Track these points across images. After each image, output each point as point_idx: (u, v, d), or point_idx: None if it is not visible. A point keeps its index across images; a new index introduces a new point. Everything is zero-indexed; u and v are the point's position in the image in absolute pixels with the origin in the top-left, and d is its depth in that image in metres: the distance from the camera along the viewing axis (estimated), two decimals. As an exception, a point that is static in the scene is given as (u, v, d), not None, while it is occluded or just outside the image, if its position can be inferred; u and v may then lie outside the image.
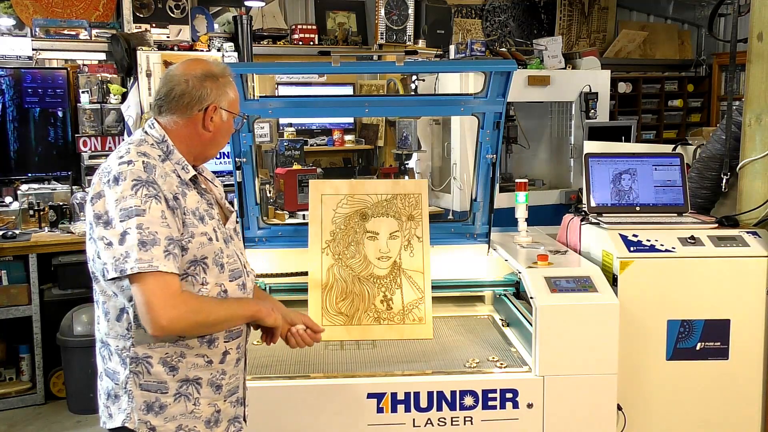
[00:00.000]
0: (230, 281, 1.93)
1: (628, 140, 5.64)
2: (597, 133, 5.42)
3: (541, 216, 3.64)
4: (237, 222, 2.10)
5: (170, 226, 1.77)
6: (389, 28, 6.26)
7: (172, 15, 5.72)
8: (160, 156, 1.87)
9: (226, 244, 1.94)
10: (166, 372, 1.84)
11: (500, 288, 3.13)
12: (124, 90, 5.28)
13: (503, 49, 5.84)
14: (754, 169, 2.87)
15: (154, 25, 5.59)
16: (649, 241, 2.74)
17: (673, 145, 3.53)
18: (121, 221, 1.73)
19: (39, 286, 4.39)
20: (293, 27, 6.32)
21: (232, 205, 2.15)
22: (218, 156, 5.07)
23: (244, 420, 2.06)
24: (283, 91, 6.03)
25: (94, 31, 5.41)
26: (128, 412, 1.85)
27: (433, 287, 2.90)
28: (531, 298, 2.54)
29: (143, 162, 1.80)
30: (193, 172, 1.91)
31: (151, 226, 1.73)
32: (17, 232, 4.47)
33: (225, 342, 1.93)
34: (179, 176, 1.88)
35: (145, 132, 1.93)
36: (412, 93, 5.80)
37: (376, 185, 3.04)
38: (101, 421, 1.93)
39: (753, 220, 2.86)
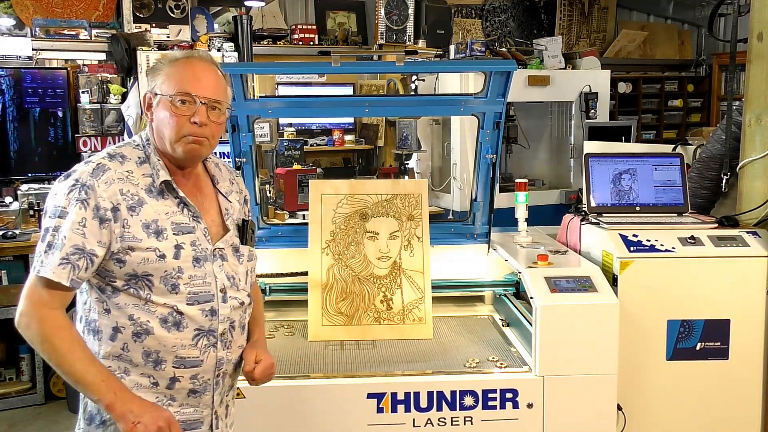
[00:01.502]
0: (188, 304, 1.76)
1: (628, 140, 5.65)
2: (597, 133, 5.42)
3: (541, 216, 3.64)
4: (248, 241, 1.93)
5: (87, 236, 1.67)
6: (389, 28, 6.26)
7: (172, 15, 5.72)
8: (139, 158, 1.80)
9: (197, 263, 1.78)
10: None
11: (500, 288, 3.13)
12: (124, 90, 5.28)
13: (503, 49, 5.84)
14: (754, 169, 2.87)
15: (154, 25, 5.59)
16: (649, 241, 2.74)
17: (673, 145, 3.53)
18: (49, 217, 1.71)
19: (39, 286, 4.39)
20: (293, 27, 6.32)
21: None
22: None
23: None
24: (283, 91, 6.03)
25: (94, 31, 5.41)
26: (78, 419, 1.83)
27: (433, 287, 2.90)
28: (531, 298, 2.53)
29: (98, 164, 1.74)
30: (164, 177, 1.78)
31: (64, 230, 1.67)
32: (17, 232, 4.47)
33: (174, 368, 1.77)
34: (153, 180, 1.77)
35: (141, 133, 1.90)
36: (412, 93, 5.80)
37: (376, 185, 3.04)
38: None
39: (753, 220, 2.86)
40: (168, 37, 5.59)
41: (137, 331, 1.73)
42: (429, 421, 2.47)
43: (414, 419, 2.46)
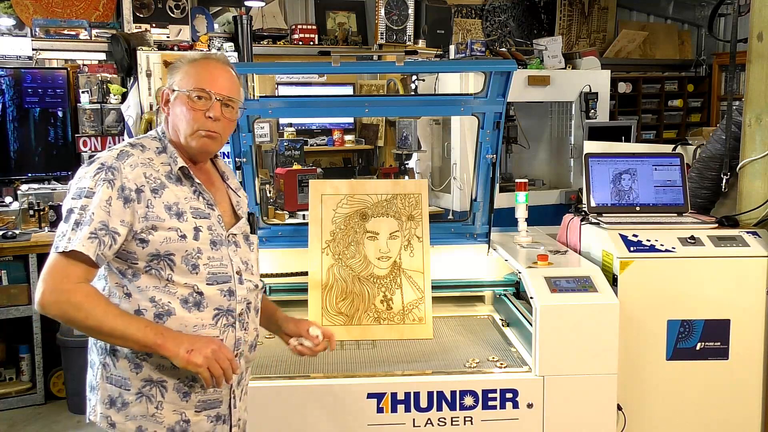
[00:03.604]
0: (207, 284, 1.84)
1: (628, 140, 5.64)
2: (597, 133, 5.41)
3: (541, 216, 3.64)
4: (250, 233, 2.03)
5: (111, 215, 1.74)
6: (389, 28, 6.26)
7: (172, 15, 5.72)
8: (157, 148, 1.90)
9: (214, 246, 1.87)
10: (131, 369, 1.81)
11: (500, 288, 3.13)
12: (124, 90, 5.28)
13: (503, 49, 5.83)
14: (754, 169, 2.87)
15: (154, 25, 5.60)
16: (649, 241, 2.74)
17: (673, 145, 3.53)
18: (72, 199, 1.77)
19: (39, 286, 4.39)
20: (293, 27, 6.32)
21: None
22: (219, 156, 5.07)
23: None
24: (283, 91, 6.03)
25: (94, 31, 5.42)
26: (93, 404, 1.86)
27: (433, 287, 2.90)
28: (531, 298, 2.53)
29: (122, 150, 1.84)
30: (181, 163, 1.88)
31: (91, 208, 1.74)
32: (17, 232, 4.47)
33: None
34: (171, 168, 1.88)
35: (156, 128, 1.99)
36: (412, 93, 5.80)
37: (376, 185, 3.04)
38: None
39: (753, 220, 2.86)
40: (168, 37, 5.60)
41: (159, 312, 1.80)
42: (429, 421, 2.47)
43: (414, 419, 2.46)
